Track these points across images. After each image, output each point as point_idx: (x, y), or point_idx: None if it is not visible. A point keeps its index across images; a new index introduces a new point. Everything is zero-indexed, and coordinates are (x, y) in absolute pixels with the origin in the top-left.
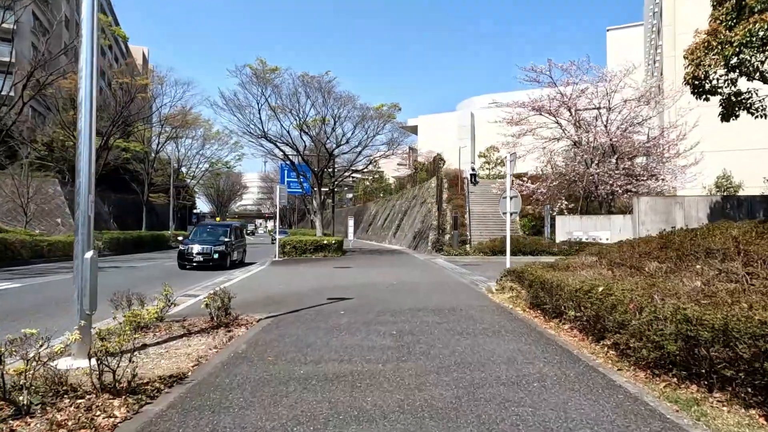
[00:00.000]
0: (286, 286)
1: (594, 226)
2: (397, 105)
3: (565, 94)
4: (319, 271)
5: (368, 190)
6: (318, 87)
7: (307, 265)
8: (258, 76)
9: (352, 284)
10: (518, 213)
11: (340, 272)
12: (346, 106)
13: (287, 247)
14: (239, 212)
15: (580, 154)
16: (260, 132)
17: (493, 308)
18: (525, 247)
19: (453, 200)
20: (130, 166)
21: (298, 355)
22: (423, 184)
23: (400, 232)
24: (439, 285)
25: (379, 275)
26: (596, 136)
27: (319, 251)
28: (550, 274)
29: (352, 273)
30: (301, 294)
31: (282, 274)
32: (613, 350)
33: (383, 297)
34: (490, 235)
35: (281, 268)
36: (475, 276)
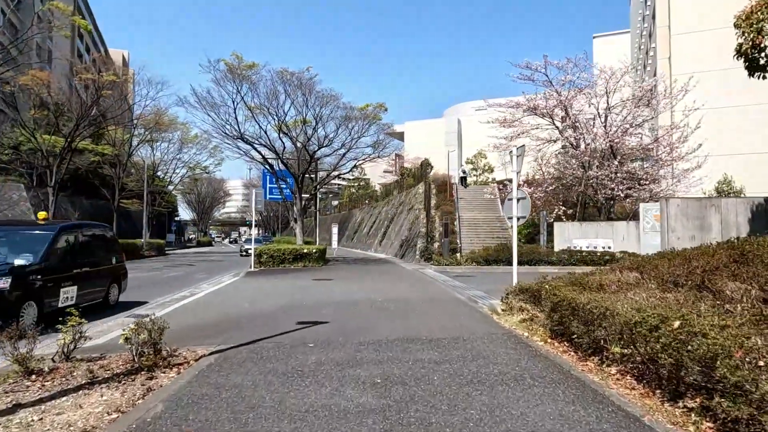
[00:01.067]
0: (252, 304)
1: (595, 234)
2: (383, 105)
3: (561, 93)
4: (294, 285)
5: (354, 197)
6: (298, 84)
7: (284, 276)
8: (233, 72)
9: (329, 302)
10: (527, 217)
11: (318, 286)
12: (329, 105)
13: (264, 257)
14: (223, 219)
15: (578, 156)
16: (236, 133)
17: (505, 337)
18: (521, 255)
19: (442, 206)
20: (103, 171)
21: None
22: (410, 190)
23: (386, 239)
24: (433, 303)
25: (363, 290)
26: (595, 137)
27: (299, 261)
28: (585, 296)
29: (332, 287)
30: (266, 315)
31: (252, 288)
32: (709, 421)
33: (366, 321)
34: (482, 243)
35: (254, 280)
36: (471, 290)
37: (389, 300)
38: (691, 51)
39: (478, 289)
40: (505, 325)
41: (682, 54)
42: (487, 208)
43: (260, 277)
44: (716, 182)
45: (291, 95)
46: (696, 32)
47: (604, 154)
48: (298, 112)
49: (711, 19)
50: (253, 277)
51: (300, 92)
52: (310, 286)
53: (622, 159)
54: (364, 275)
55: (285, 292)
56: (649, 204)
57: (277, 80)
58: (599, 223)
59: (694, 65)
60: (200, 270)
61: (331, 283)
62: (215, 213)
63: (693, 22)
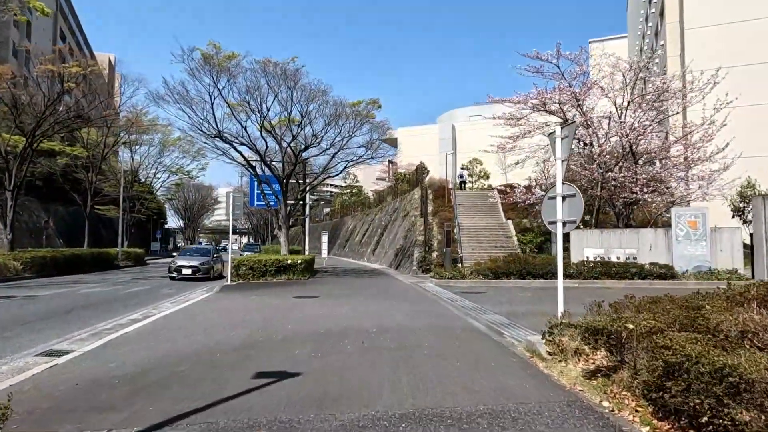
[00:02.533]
0: (208, 335)
1: (618, 242)
2: (377, 102)
3: (573, 87)
4: (270, 305)
5: (346, 203)
6: (282, 76)
7: (262, 293)
8: (210, 63)
9: (309, 334)
10: (577, 222)
11: (298, 308)
12: (317, 100)
13: (242, 269)
14: (213, 227)
15: (595, 157)
16: (214, 130)
17: (577, 411)
18: (535, 268)
19: (439, 213)
20: (78, 175)
21: None
22: (405, 196)
23: (379, 248)
24: (445, 336)
25: (353, 313)
26: (606, 135)
27: (282, 273)
28: (740, 359)
29: (316, 309)
30: (215, 359)
31: (219, 310)
32: None
33: (355, 371)
34: (484, 252)
35: (226, 298)
36: (488, 313)
37: (387, 330)
38: (708, 46)
39: (495, 311)
40: (564, 383)
41: (696, 50)
42: (488, 215)
43: (235, 293)
44: (740, 186)
45: (274, 88)
46: (714, 26)
47: (621, 154)
48: (283, 107)
49: (729, 12)
50: (227, 293)
51: (284, 85)
52: (289, 307)
53: (649, 159)
54: (355, 291)
55: (255, 317)
56: (683, 209)
57: (260, 72)
58: (622, 230)
59: (709, 62)
60: (172, 283)
61: (316, 303)
62: (205, 221)
63: (705, 17)
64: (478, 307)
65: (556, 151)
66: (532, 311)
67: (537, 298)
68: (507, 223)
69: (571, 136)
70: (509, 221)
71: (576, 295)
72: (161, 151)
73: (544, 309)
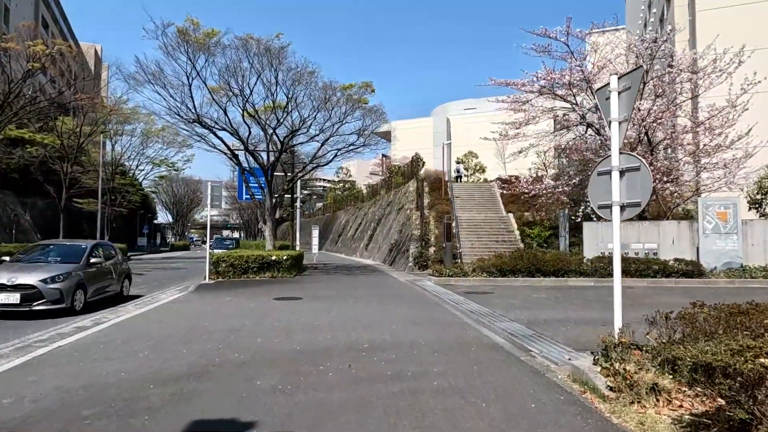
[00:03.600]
0: (152, 354)
1: (636, 236)
2: (370, 85)
3: (584, 66)
4: (244, 310)
5: (338, 198)
6: (265, 54)
7: (239, 293)
8: (187, 40)
9: (279, 353)
10: (643, 205)
11: (275, 314)
12: (303, 81)
13: (222, 265)
14: (204, 223)
15: (608, 142)
16: (193, 115)
17: None
18: (545, 265)
19: (436, 206)
20: (54, 166)
21: None
22: (400, 188)
23: (373, 243)
24: (455, 355)
25: (339, 320)
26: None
27: (266, 270)
28: None
29: (296, 315)
30: (141, 396)
31: (184, 316)
32: None
33: (333, 422)
34: (484, 248)
35: (197, 300)
36: (502, 320)
37: (381, 347)
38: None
39: (510, 317)
40: None
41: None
42: (488, 208)
43: (209, 294)
44: (758, 177)
45: (257, 68)
46: (728, 7)
47: (637, 140)
48: (268, 90)
49: None
50: (200, 294)
51: (268, 64)
52: (265, 312)
53: (671, 144)
54: (344, 292)
55: (221, 327)
56: (711, 198)
57: (241, 49)
58: (642, 223)
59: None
60: (146, 281)
61: (297, 306)
62: (195, 216)
63: None
64: (488, 312)
65: (612, 110)
66: (556, 318)
67: (554, 300)
68: (508, 217)
69: (636, 88)
70: (510, 214)
71: (596, 295)
72: (143, 141)
73: (568, 315)
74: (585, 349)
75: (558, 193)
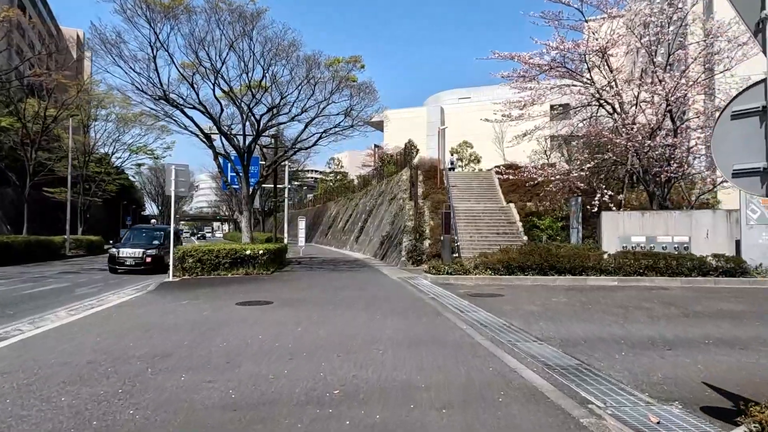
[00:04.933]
0: (31, 400)
1: (664, 228)
2: (359, 60)
3: (599, 37)
4: (193, 322)
5: (329, 189)
6: (239, 20)
7: (200, 294)
8: (148, 3)
9: (198, 409)
10: None
11: (229, 329)
12: (284, 53)
13: (189, 261)
14: (194, 214)
15: (627, 122)
16: (159, 91)
17: None
18: (560, 261)
19: (431, 195)
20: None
21: None
22: (392, 178)
23: (363, 236)
24: (477, 411)
25: (309, 342)
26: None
27: (239, 266)
28: None
29: (254, 331)
30: None
31: (106, 332)
32: None
33: None
34: (484, 240)
35: (148, 304)
36: (528, 340)
37: (359, 396)
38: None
39: (536, 334)
40: None
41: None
42: (486, 198)
43: (166, 296)
44: None
45: (228, 35)
46: None
47: (658, 120)
48: (242, 62)
49: None
50: (157, 295)
51: (241, 31)
52: (217, 325)
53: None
54: (325, 294)
55: (145, 350)
56: None
57: (212, 15)
58: (670, 213)
59: None
60: (104, 279)
61: (262, 315)
62: (185, 207)
63: None
64: (504, 325)
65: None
66: (597, 335)
67: (581, 306)
68: (509, 207)
69: None
70: (511, 204)
71: (627, 299)
72: (119, 127)
73: (611, 331)
74: (671, 399)
75: (572, 179)
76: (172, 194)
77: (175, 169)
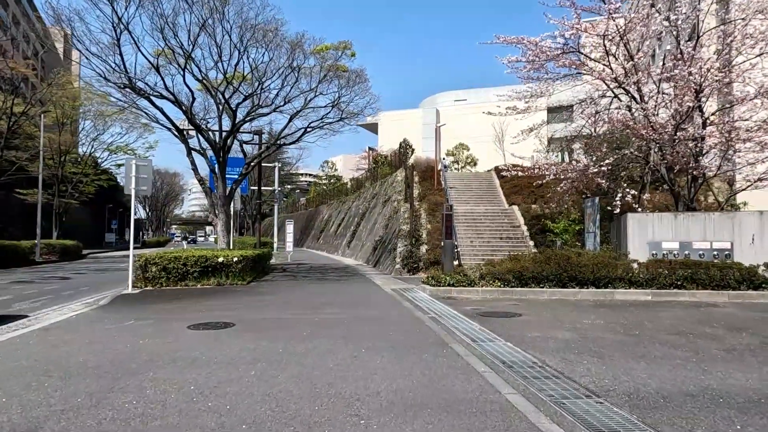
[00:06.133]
0: None
1: (701, 232)
2: (349, 46)
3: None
4: (114, 359)
5: (322, 192)
6: None
7: (155, 312)
8: None
9: None
10: None
11: (156, 374)
12: (261, 32)
13: (153, 270)
14: (186, 218)
15: (652, 112)
16: (124, 78)
17: None
18: (582, 271)
19: (428, 197)
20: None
21: None
22: (386, 179)
23: (356, 240)
24: None
25: (260, 399)
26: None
27: (210, 276)
28: None
29: (189, 376)
30: None
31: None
32: None
33: None
34: (487, 246)
35: (84, 326)
36: (581, 397)
37: None
38: None
39: (581, 379)
40: None
41: None
42: (488, 200)
43: (113, 314)
44: None
45: (198, 14)
46: None
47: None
48: (214, 44)
49: None
50: (103, 313)
51: (212, 6)
52: (143, 364)
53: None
54: (302, 313)
55: (9, 418)
56: None
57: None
58: (709, 215)
59: None
60: (65, 287)
61: (212, 348)
62: (177, 211)
63: None
64: (536, 364)
65: None
66: (679, 386)
67: (625, 331)
68: (512, 209)
69: None
70: (514, 207)
71: (675, 320)
72: (98, 125)
73: (693, 377)
74: None
75: (592, 174)
76: (132, 192)
77: (135, 165)
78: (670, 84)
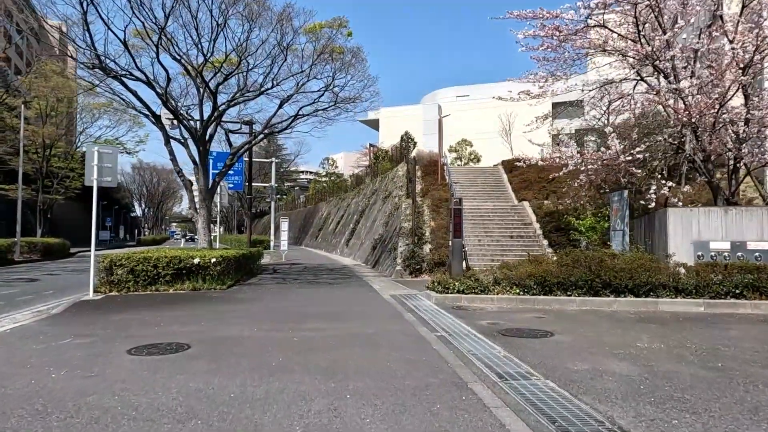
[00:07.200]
0: None
1: (758, 230)
2: (344, 23)
3: None
4: (8, 399)
5: (321, 189)
6: None
7: (104, 325)
8: None
9: None
10: None
11: (47, 425)
12: (242, 3)
13: (119, 272)
14: (184, 216)
15: (688, 93)
16: (92, 56)
17: None
18: (617, 276)
19: (431, 192)
20: None
21: None
22: (386, 174)
23: (354, 239)
24: None
25: None
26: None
27: (185, 279)
28: None
29: None
30: None
31: None
32: None
33: None
34: (496, 245)
35: (15, 342)
36: None
37: None
38: None
39: None
40: None
41: None
42: (496, 196)
43: (59, 326)
44: None
45: None
46: None
47: (726, 88)
48: (191, 17)
49: None
50: (48, 325)
51: None
52: (38, 414)
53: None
54: (278, 334)
55: None
56: None
57: None
58: (764, 210)
59: None
60: (31, 290)
61: (139, 394)
62: (176, 209)
63: None
64: (602, 427)
65: None
66: None
67: (701, 361)
68: (522, 206)
69: None
70: (525, 203)
71: (754, 341)
72: (82, 117)
73: None
74: None
75: (624, 163)
76: (94, 184)
77: (98, 152)
78: (703, 63)
